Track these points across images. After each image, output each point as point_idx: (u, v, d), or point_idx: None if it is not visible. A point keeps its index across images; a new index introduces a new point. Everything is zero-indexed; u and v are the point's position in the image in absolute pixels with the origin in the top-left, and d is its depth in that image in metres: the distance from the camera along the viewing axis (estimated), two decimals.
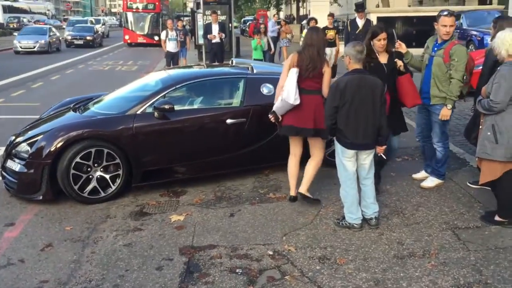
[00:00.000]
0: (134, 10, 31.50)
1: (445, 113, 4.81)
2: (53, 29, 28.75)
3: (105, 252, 3.99)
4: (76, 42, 29.34)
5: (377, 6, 29.81)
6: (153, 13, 31.42)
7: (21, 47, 24.43)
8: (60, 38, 28.69)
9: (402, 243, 4.01)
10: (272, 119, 4.72)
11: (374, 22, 16.59)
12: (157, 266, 3.75)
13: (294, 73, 4.50)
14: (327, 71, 4.60)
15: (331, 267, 3.68)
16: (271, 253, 3.91)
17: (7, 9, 37.15)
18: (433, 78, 4.85)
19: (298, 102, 4.45)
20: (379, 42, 4.67)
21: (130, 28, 31.39)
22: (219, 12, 18.42)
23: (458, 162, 5.95)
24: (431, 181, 5.15)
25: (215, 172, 5.53)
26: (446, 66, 4.75)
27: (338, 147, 4.26)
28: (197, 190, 5.33)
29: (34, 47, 24.35)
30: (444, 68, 4.77)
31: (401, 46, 4.96)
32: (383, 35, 4.65)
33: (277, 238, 4.16)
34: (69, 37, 29.88)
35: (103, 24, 43.15)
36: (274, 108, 4.69)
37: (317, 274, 3.58)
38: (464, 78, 4.80)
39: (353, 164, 4.23)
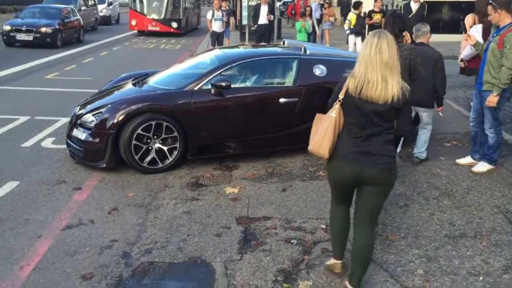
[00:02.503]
0: None
1: (491, 99, 4.83)
2: None
3: (167, 218, 4.24)
4: (21, 37, 16.32)
5: None
6: None
7: None
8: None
9: (453, 224, 4.11)
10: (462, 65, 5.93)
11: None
12: (216, 233, 3.98)
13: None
14: None
15: (383, 242, 3.82)
16: (323, 226, 4.08)
17: None
18: (487, 64, 4.87)
19: None
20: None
21: (138, 10, 22.62)
22: None
23: (509, 149, 5.93)
24: (483, 166, 5.19)
25: (266, 149, 5.71)
26: (500, 52, 4.75)
27: None
28: (249, 166, 5.53)
29: None
30: (498, 54, 4.77)
31: (470, 38, 5.01)
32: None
33: (329, 213, 4.31)
34: (8, 29, 16.46)
35: (109, 3, 29.32)
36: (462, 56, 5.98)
37: None
38: None
39: None
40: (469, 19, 6.89)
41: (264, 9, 13.48)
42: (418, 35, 5.28)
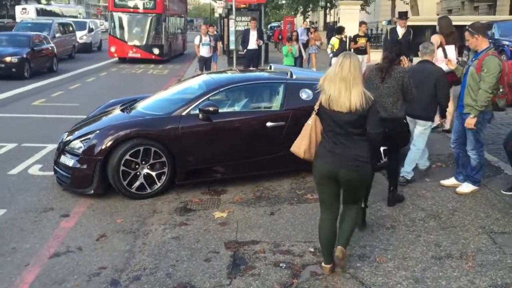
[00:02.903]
0: (126, 10, 21.42)
1: (468, 121, 4.95)
2: None
3: (156, 244, 4.24)
4: None
5: None
6: (152, 15, 21.35)
7: None
8: None
9: (439, 245, 4.16)
10: None
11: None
12: (205, 258, 3.98)
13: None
14: None
15: (371, 264, 3.85)
16: (312, 250, 4.10)
17: (40, 12, 37.66)
18: (467, 87, 5.01)
19: None
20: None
21: (118, 36, 21.42)
22: (249, 18, 18.89)
23: (492, 170, 6.05)
24: (467, 187, 5.28)
25: (254, 173, 5.75)
26: (478, 76, 4.87)
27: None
28: (237, 190, 5.56)
29: None
30: (477, 78, 4.89)
31: (450, 63, 5.16)
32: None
33: (317, 236, 4.33)
34: None
35: (90, 29, 28.25)
36: None
37: (358, 271, 3.76)
38: (500, 90, 4.89)
39: None
40: (436, 38, 7.10)
41: (253, 34, 13.64)
42: (426, 53, 5.48)
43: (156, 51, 21.40)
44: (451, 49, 6.91)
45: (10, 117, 9.41)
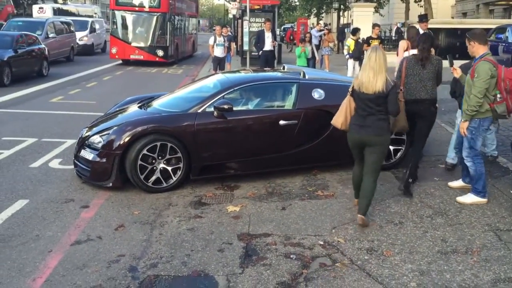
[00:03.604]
0: (128, 8, 20.03)
1: (461, 125, 4.99)
2: None
3: (171, 234, 4.43)
4: None
5: None
6: (156, 14, 19.87)
7: None
8: None
9: (445, 241, 4.29)
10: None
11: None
12: (218, 249, 4.16)
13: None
14: None
15: (378, 257, 4.00)
16: (321, 243, 4.26)
17: (57, 12, 38.09)
18: (465, 94, 4.99)
19: None
20: None
21: (120, 37, 20.06)
22: (262, 19, 19.07)
23: (501, 170, 6.16)
24: (468, 197, 5.14)
25: (266, 170, 5.92)
26: (473, 82, 4.83)
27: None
28: (249, 185, 5.73)
29: None
30: (472, 84, 4.84)
31: (456, 71, 5.22)
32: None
33: (327, 230, 4.51)
34: None
35: (92, 29, 25.82)
36: None
37: (366, 263, 3.91)
38: (498, 96, 4.82)
39: None
40: (403, 43, 8.01)
41: (268, 36, 13.74)
42: None
43: (160, 53, 20.04)
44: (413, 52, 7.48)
45: (30, 113, 9.67)
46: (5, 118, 9.08)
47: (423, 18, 9.84)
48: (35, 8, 35.85)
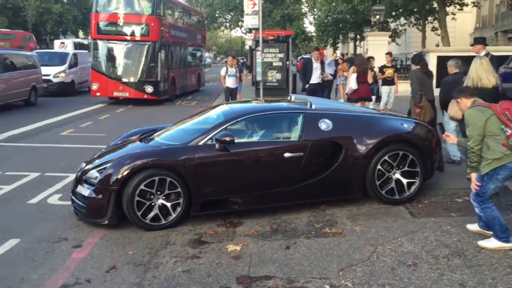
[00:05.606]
0: (112, 37, 17.13)
1: (471, 177, 4.62)
2: None
3: (165, 277, 4.12)
4: None
5: (437, 45, 29.46)
6: (145, 44, 16.95)
7: None
8: None
9: (464, 285, 3.89)
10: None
11: (433, 61, 16.44)
12: None
13: None
14: None
15: None
16: (327, 287, 3.90)
17: (78, 46, 38.98)
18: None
19: None
20: None
21: (102, 70, 17.21)
22: (276, 50, 19.03)
23: None
24: (490, 243, 4.62)
25: (271, 205, 5.61)
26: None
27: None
28: (253, 222, 5.42)
29: None
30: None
31: (449, 138, 5.03)
32: None
33: (333, 272, 4.15)
34: None
35: (73, 64, 20.66)
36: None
37: None
38: (507, 132, 4.38)
39: None
40: (352, 69, 9.92)
41: (316, 67, 12.15)
42: (457, 67, 7.38)
43: (149, 89, 16.93)
44: (353, 77, 10.08)
45: (38, 147, 9.59)
46: None
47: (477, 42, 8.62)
48: (56, 43, 36.76)
